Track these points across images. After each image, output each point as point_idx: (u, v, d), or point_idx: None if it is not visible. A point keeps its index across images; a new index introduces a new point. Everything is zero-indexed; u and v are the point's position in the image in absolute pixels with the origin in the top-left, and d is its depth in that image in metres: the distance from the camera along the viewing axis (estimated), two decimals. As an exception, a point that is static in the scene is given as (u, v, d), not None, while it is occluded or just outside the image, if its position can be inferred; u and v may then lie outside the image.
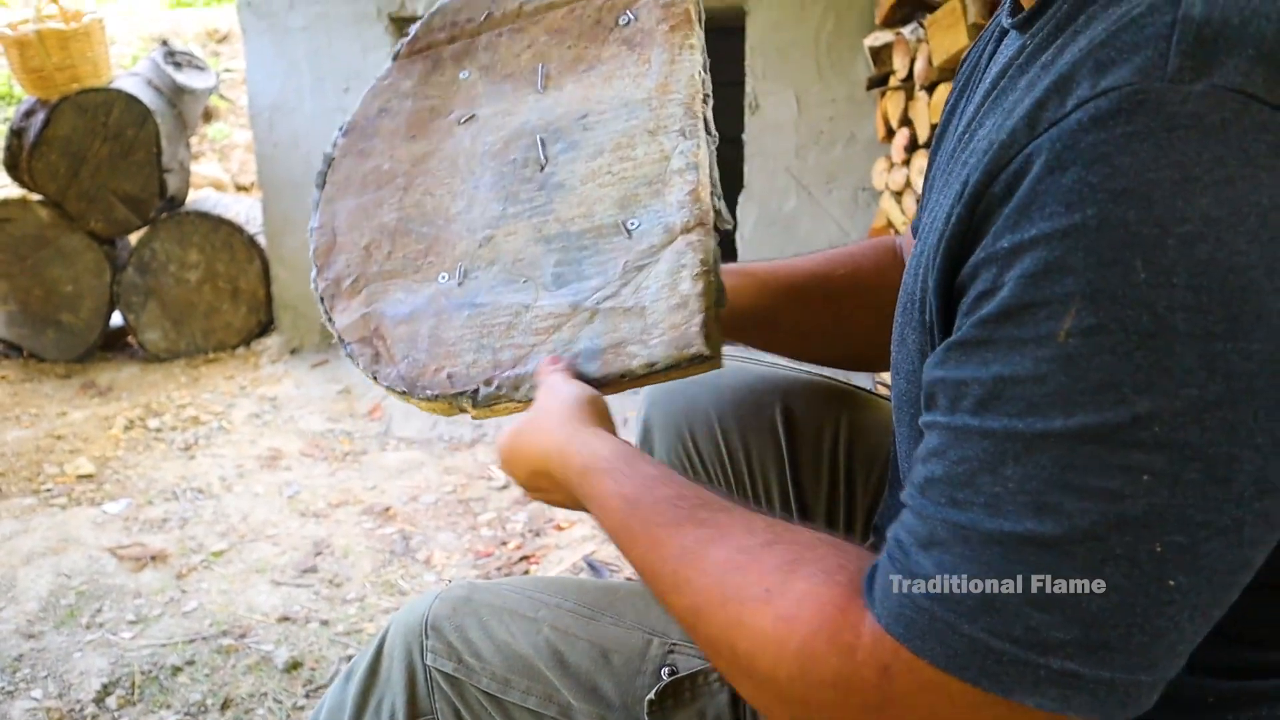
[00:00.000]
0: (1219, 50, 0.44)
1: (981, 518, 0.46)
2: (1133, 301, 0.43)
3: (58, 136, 2.93)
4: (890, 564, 0.50)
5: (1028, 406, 0.45)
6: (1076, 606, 0.44)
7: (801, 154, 2.63)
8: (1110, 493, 0.43)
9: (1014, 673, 0.45)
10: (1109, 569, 0.44)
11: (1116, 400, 0.43)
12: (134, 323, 3.09)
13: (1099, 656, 0.45)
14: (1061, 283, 0.45)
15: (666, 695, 0.72)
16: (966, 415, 0.48)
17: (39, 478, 2.29)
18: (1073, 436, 0.44)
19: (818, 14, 2.54)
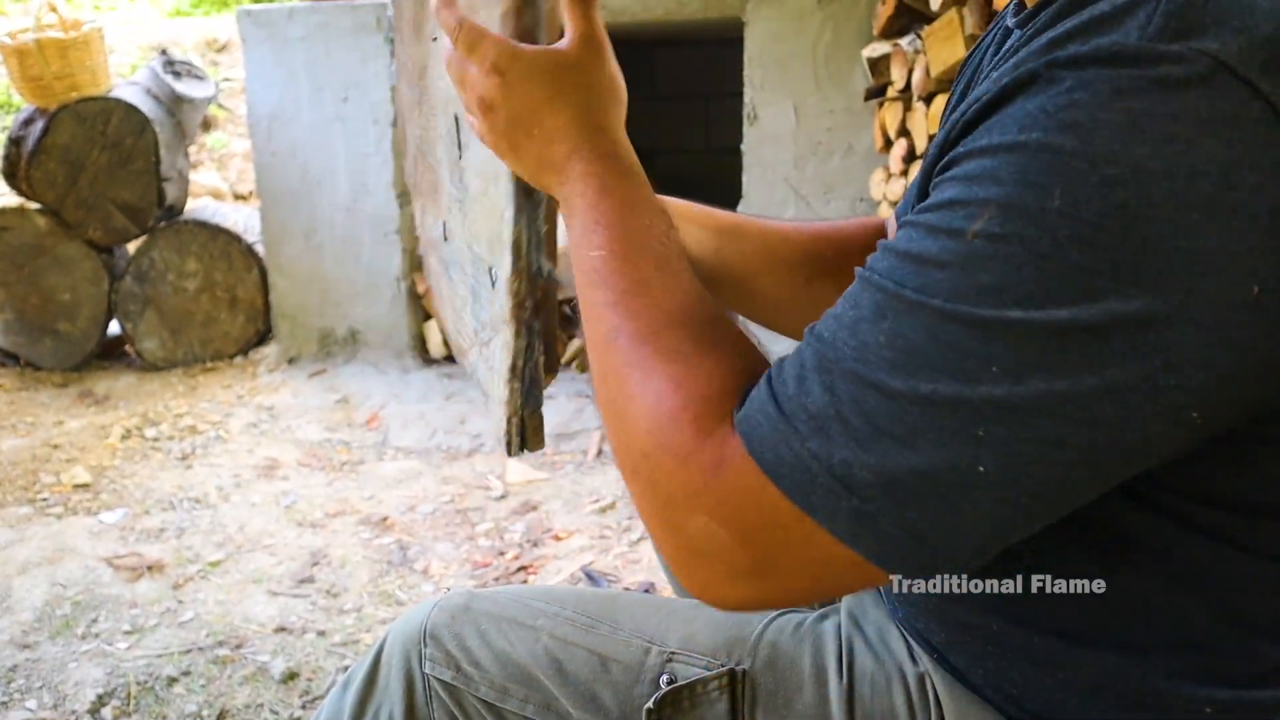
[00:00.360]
0: (1203, 20, 0.46)
1: (848, 356, 0.50)
2: (1038, 223, 0.46)
3: (56, 145, 2.93)
4: (766, 377, 0.54)
5: (922, 282, 0.49)
6: (891, 460, 0.48)
7: (800, 164, 2.64)
8: (960, 372, 0.47)
9: (821, 496, 0.50)
10: (929, 437, 0.48)
11: (996, 302, 0.47)
12: (131, 331, 3.09)
13: (895, 511, 0.49)
14: (986, 189, 0.48)
15: (665, 704, 0.73)
16: (875, 272, 0.52)
17: (35, 487, 2.28)
18: (948, 316, 0.48)
19: (816, 25, 2.55)
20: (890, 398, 0.48)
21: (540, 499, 2.17)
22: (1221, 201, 0.45)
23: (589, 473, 2.31)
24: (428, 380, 2.87)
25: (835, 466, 0.49)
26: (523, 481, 2.25)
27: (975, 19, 1.91)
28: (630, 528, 2.02)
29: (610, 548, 1.94)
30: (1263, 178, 0.45)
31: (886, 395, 0.49)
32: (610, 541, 1.97)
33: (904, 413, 0.48)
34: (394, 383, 2.87)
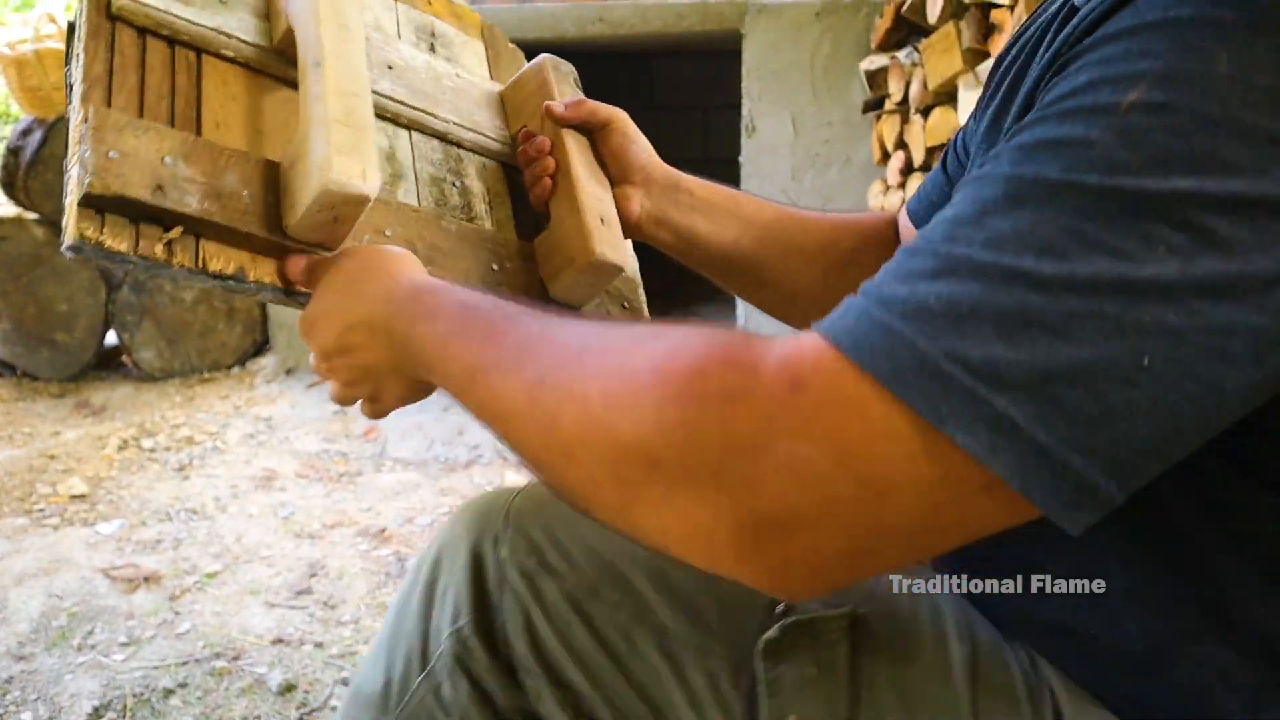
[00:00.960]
0: None
1: (978, 250, 0.44)
2: (1206, 88, 0.42)
3: (55, 155, 2.93)
4: (854, 298, 0.47)
5: (1067, 162, 0.44)
6: (1045, 351, 0.42)
7: (798, 176, 2.64)
8: (1122, 252, 0.42)
9: (955, 401, 0.42)
10: (1091, 325, 0.42)
11: (1162, 172, 0.42)
12: (128, 342, 3.09)
13: (1045, 415, 0.42)
14: (1136, 65, 0.44)
15: (784, 638, 0.64)
16: (998, 166, 0.46)
17: (31, 498, 2.28)
18: (1104, 192, 0.43)
19: (814, 38, 2.56)
20: (1040, 285, 0.42)
21: (538, 510, 2.16)
22: None
23: (587, 484, 2.31)
24: (425, 391, 2.87)
25: (975, 363, 0.42)
26: (521, 493, 2.25)
27: (972, 32, 1.92)
28: (628, 539, 2.01)
29: (608, 559, 1.94)
30: None
31: (1035, 282, 0.42)
32: (608, 553, 1.96)
33: (1058, 300, 0.42)
34: (392, 394, 2.87)
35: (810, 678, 0.64)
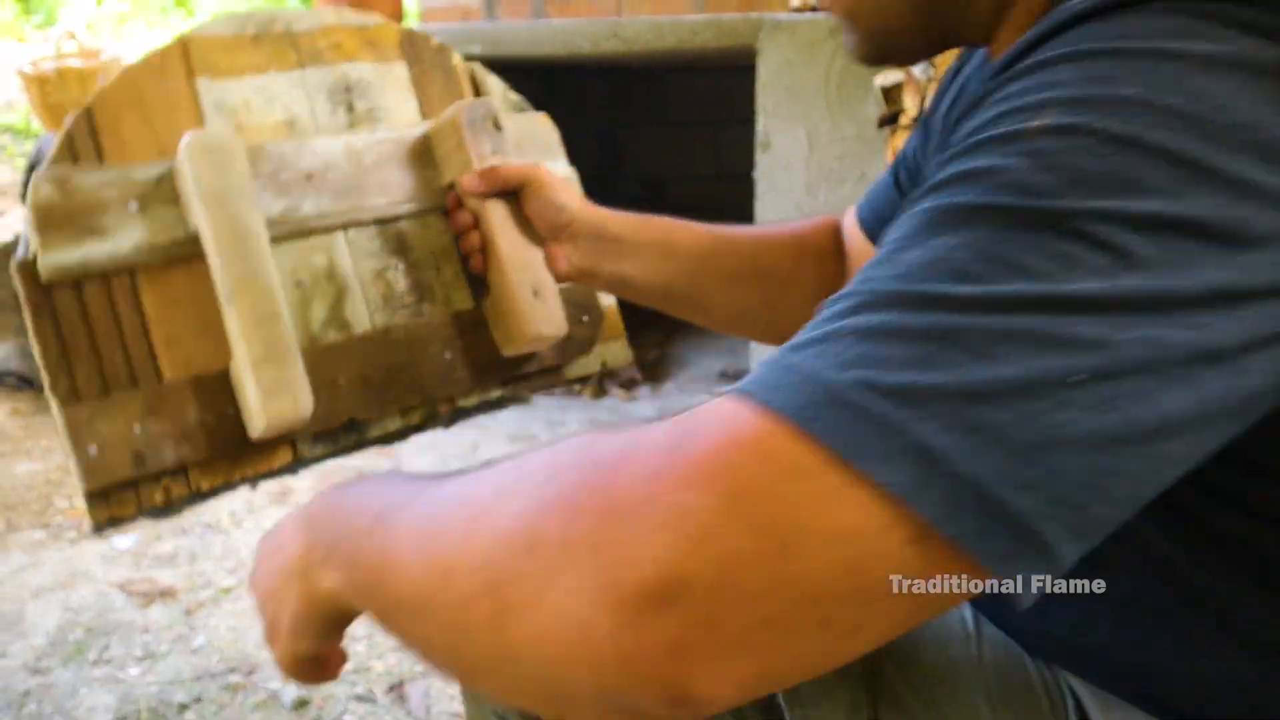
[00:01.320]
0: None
1: (891, 282, 0.42)
2: (1115, 110, 0.41)
3: (74, 171, 2.96)
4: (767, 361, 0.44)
5: (980, 189, 0.42)
6: (966, 372, 0.38)
7: (812, 191, 2.64)
8: (1042, 272, 0.40)
9: (868, 430, 0.38)
10: (1014, 343, 0.39)
11: (1076, 195, 0.40)
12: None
13: (971, 442, 0.37)
14: (1044, 94, 0.43)
15: None
16: (914, 205, 0.45)
17: (49, 512, 2.29)
18: (1019, 215, 0.41)
19: (828, 54, 2.56)
20: (958, 307, 0.40)
21: (553, 525, 2.16)
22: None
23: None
24: (440, 406, 2.88)
25: (889, 388, 0.38)
26: (535, 508, 2.25)
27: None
28: (643, 555, 2.01)
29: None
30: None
31: (953, 305, 0.40)
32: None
33: (978, 320, 0.39)
34: (406, 408, 2.87)
35: (829, 683, 0.62)
